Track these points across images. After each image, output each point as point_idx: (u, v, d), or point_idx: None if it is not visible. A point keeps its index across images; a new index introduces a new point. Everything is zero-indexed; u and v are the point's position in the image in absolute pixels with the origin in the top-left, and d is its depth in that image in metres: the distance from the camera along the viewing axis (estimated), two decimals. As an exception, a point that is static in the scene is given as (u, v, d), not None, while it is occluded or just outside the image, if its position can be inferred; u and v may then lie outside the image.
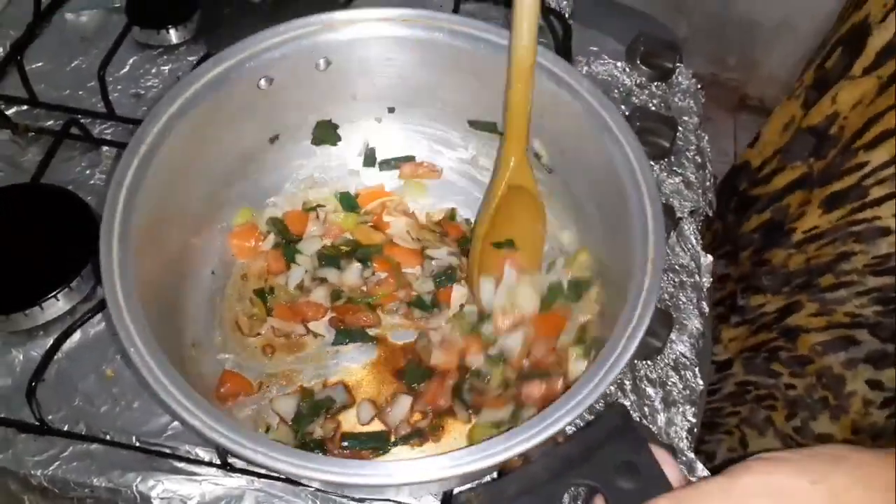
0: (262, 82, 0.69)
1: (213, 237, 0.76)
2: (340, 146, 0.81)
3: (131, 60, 0.93)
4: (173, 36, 0.93)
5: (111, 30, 0.92)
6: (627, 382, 0.76)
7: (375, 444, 0.69)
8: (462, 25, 0.70)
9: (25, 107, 0.89)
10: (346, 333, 0.75)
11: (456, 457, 0.52)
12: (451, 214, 0.82)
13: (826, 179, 0.92)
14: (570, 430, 0.58)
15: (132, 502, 0.67)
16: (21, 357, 0.73)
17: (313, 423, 0.69)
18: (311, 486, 0.67)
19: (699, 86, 1.00)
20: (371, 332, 0.76)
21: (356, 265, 0.77)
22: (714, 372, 1.05)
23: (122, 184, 0.60)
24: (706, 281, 0.86)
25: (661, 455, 0.50)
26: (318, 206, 0.81)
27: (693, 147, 0.94)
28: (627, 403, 0.75)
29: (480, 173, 0.82)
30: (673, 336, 0.80)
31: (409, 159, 0.82)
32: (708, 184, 0.95)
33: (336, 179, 0.82)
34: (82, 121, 0.86)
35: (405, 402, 0.70)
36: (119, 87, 0.90)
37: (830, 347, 1.00)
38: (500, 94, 0.69)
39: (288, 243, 0.79)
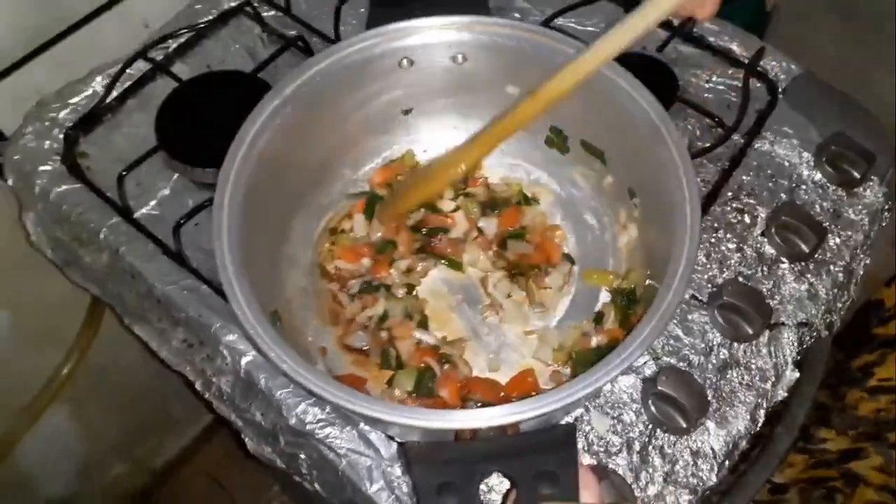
0: (404, 62, 0.82)
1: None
2: None
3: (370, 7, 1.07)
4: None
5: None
6: (637, 444, 0.78)
7: None
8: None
9: (280, 14, 1.08)
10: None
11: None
12: None
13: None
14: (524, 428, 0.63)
15: (201, 335, 0.83)
16: (190, 201, 0.92)
17: None
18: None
19: (887, 205, 0.92)
20: None
21: None
22: (768, 493, 0.99)
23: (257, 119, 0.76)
24: (780, 394, 0.83)
25: (586, 478, 0.54)
26: None
27: (842, 263, 0.89)
28: (625, 463, 0.77)
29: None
30: (710, 426, 0.79)
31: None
32: (839, 305, 0.89)
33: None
34: (312, 39, 1.03)
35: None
36: (353, 22, 1.06)
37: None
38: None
39: None
